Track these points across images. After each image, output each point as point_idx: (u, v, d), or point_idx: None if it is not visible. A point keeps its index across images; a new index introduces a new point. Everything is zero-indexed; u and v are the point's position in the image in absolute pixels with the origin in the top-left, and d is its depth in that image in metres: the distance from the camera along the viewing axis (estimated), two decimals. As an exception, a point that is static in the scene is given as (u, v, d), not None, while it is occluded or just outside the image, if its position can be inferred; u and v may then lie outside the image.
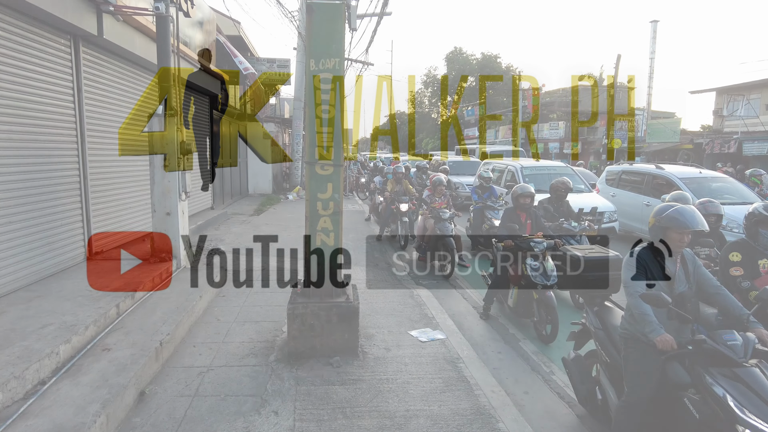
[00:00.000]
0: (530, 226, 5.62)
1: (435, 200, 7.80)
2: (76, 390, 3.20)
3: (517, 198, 5.61)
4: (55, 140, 5.52)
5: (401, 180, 9.86)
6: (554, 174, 10.83)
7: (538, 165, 11.40)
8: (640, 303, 2.77)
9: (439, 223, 7.34)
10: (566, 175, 10.90)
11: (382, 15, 12.96)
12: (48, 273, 5.30)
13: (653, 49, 32.24)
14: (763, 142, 21.36)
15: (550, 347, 4.84)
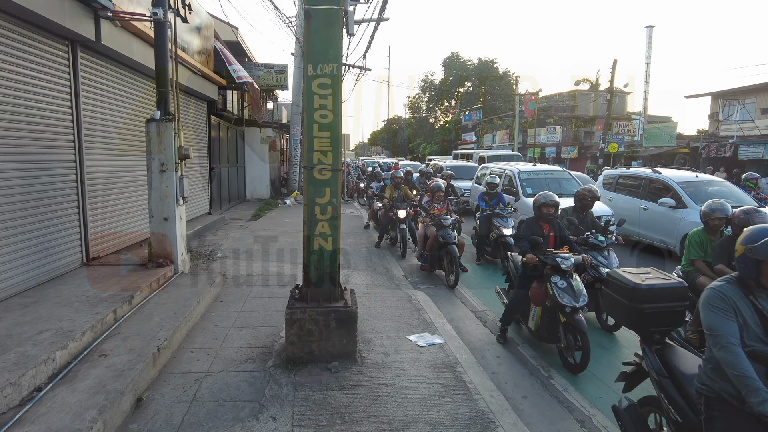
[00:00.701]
0: (554, 239, 4.98)
1: (434, 206, 7.57)
2: (73, 396, 3.18)
3: (539, 207, 4.95)
4: (52, 145, 5.51)
5: (400, 186, 9.67)
6: (552, 179, 10.75)
7: (535, 169, 11.24)
8: (738, 360, 2.13)
9: (441, 231, 7.04)
10: (564, 179, 10.81)
11: (380, 20, 13.01)
12: (45, 278, 5.28)
13: (649, 53, 32.53)
14: (759, 145, 21.48)
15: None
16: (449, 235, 6.96)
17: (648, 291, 2.98)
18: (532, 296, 4.72)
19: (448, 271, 7.02)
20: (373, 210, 11.80)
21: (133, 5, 6.78)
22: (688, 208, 8.58)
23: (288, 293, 4.50)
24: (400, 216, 8.91)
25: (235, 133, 15.56)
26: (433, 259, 7.31)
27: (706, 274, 4.59)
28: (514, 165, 11.89)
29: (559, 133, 35.76)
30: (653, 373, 2.84)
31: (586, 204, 5.93)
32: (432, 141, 50.05)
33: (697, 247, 4.78)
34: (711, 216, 4.73)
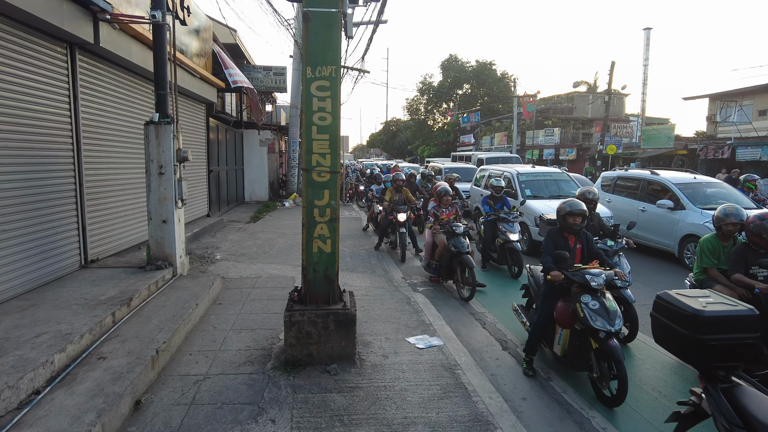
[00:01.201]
0: (581, 253, 4.41)
1: (442, 211, 7.05)
2: (71, 399, 3.17)
3: (564, 217, 4.35)
4: (50, 148, 5.51)
5: (401, 188, 9.48)
6: (551, 180, 10.69)
7: (534, 171, 11.16)
8: None
9: (453, 239, 6.50)
10: (563, 181, 10.80)
11: (378, 23, 13.03)
12: (43, 281, 5.27)
13: (647, 56, 32.65)
14: (756, 147, 21.55)
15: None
16: (462, 244, 6.44)
17: (712, 319, 2.55)
18: (557, 318, 4.16)
19: (461, 282, 6.49)
20: (372, 213, 11.64)
21: (131, 8, 6.79)
22: (686, 209, 8.61)
23: (287, 295, 4.50)
24: (401, 219, 8.69)
25: (234, 135, 15.57)
26: (443, 270, 6.77)
27: (722, 282, 4.38)
28: (513, 167, 11.76)
29: (558, 135, 35.85)
30: (722, 420, 2.43)
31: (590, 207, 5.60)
32: (431, 143, 50.12)
33: (710, 254, 4.56)
34: (725, 221, 4.50)
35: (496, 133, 42.70)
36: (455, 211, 7.13)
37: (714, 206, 8.58)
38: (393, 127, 62.88)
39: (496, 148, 39.81)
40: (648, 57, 32.63)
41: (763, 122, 23.08)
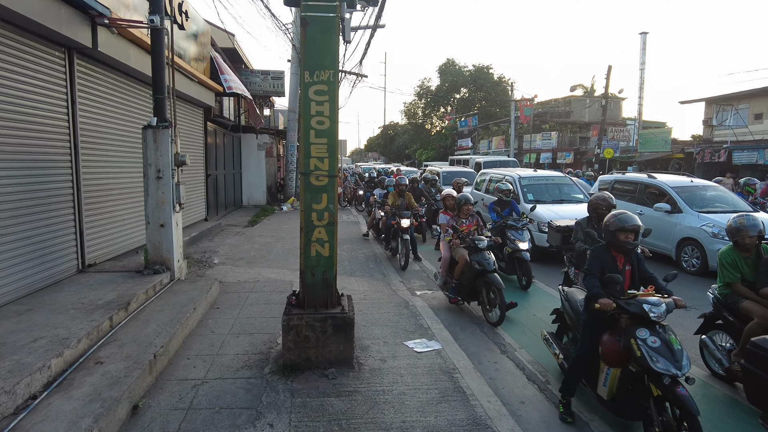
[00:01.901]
0: (630, 276, 3.72)
1: (462, 222, 6.25)
2: (68, 404, 3.16)
3: (614, 233, 3.61)
4: (48, 152, 5.50)
5: (404, 193, 9.15)
6: (553, 184, 10.44)
7: (536, 175, 10.87)
8: None
9: (476, 255, 5.72)
10: (565, 185, 10.53)
11: (376, 27, 13.08)
12: (40, 285, 5.25)
13: (643, 60, 32.81)
14: (753, 151, 21.65)
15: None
16: (487, 261, 5.64)
17: None
18: (604, 355, 3.46)
19: (488, 304, 5.69)
20: (373, 218, 11.25)
21: (129, 12, 6.80)
22: (683, 212, 8.64)
23: (285, 299, 4.50)
24: (404, 225, 8.30)
25: (232, 139, 15.57)
26: (464, 290, 5.93)
27: (750, 297, 4.05)
28: (514, 171, 11.52)
29: (555, 139, 35.97)
30: None
31: (602, 213, 5.26)
32: (428, 147, 50.21)
33: (731, 268, 4.22)
34: (740, 234, 4.18)
35: (493, 137, 42.83)
36: (476, 222, 6.32)
37: (711, 209, 8.63)
38: (391, 131, 63.01)
39: (493, 152, 39.93)
40: (644, 61, 32.79)
41: (759, 126, 23.20)
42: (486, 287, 5.68)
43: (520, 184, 10.23)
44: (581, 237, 5.34)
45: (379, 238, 10.74)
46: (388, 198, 9.16)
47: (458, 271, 5.93)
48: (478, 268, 5.61)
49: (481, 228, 6.31)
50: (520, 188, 10.13)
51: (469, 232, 6.16)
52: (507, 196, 8.07)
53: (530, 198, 9.93)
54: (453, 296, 6.06)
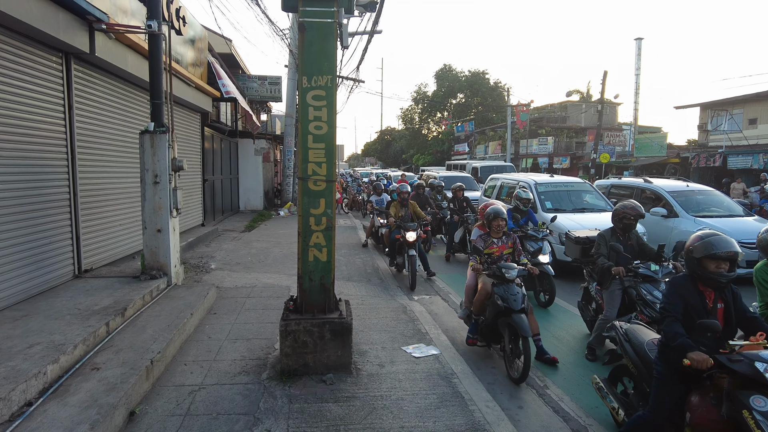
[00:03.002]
0: (723, 316, 2.88)
1: (491, 243, 5.01)
2: (64, 411, 3.14)
3: (701, 261, 2.84)
4: (45, 157, 5.49)
5: (407, 202, 8.21)
6: (573, 191, 9.48)
7: (553, 181, 9.79)
8: None
9: (501, 288, 4.46)
10: (586, 192, 9.50)
11: (373, 33, 13.14)
12: (36, 291, 5.22)
13: (638, 65, 33.03)
14: (747, 155, 21.79)
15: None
16: (513, 297, 4.35)
17: None
18: (696, 424, 2.64)
19: (510, 354, 4.39)
20: (372, 226, 10.62)
21: (127, 17, 6.81)
22: (679, 217, 8.67)
23: (282, 305, 4.48)
24: (410, 239, 7.37)
25: (229, 144, 15.57)
26: (485, 330, 4.73)
27: None
28: (529, 176, 10.43)
29: (551, 144, 36.10)
30: None
31: (629, 224, 4.87)
32: (425, 152, 50.31)
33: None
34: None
35: (490, 142, 42.95)
36: (511, 244, 5.09)
37: (707, 214, 8.67)
38: (388, 136, 63.12)
39: (490, 157, 40.03)
40: (640, 67, 33.01)
41: (754, 131, 23.37)
42: (509, 330, 4.41)
43: (536, 190, 9.19)
44: (604, 251, 4.81)
45: (378, 246, 10.36)
46: (391, 208, 8.33)
47: (477, 303, 4.77)
48: (500, 304, 4.36)
49: (518, 252, 5.07)
50: (537, 195, 9.09)
51: (500, 256, 4.98)
52: (525, 206, 7.33)
53: (549, 206, 8.96)
54: (472, 336, 4.91)
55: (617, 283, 4.73)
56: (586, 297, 5.49)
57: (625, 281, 4.65)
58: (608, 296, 4.79)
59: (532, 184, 9.34)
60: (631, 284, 4.63)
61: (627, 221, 4.86)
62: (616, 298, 4.73)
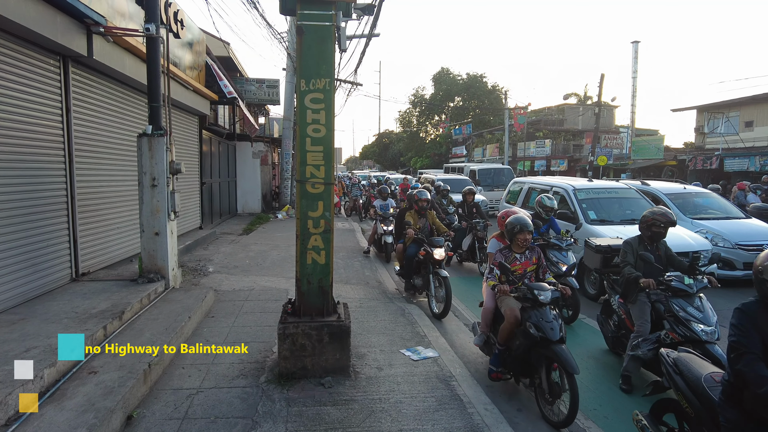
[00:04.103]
0: None
1: (514, 258, 4.27)
2: (61, 415, 3.12)
3: None
4: (42, 160, 5.48)
5: (425, 211, 7.02)
6: (617, 198, 8.26)
7: (594, 186, 8.52)
8: None
9: (534, 314, 3.78)
10: (632, 199, 8.27)
11: (371, 36, 13.16)
12: (33, 295, 5.20)
13: (635, 68, 33.15)
14: (744, 158, 21.89)
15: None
16: (551, 326, 3.67)
17: None
18: None
19: (548, 392, 3.70)
20: (374, 233, 9.84)
21: (125, 21, 6.81)
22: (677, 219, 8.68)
23: (280, 308, 4.48)
24: (437, 258, 6.16)
25: (227, 147, 15.56)
26: (514, 362, 3.98)
27: None
28: (565, 180, 9.22)
29: (549, 147, 36.20)
30: None
31: (658, 233, 4.52)
32: (423, 155, 50.37)
33: None
34: None
35: (487, 145, 43.05)
36: (536, 260, 4.33)
37: (704, 216, 8.68)
38: (386, 139, 63.18)
39: (488, 160, 40.10)
40: (636, 69, 33.14)
41: (750, 133, 23.48)
42: (547, 364, 3.70)
43: (575, 198, 7.97)
44: (630, 260, 4.45)
45: (380, 254, 9.77)
46: (407, 217, 7.03)
47: (504, 332, 3.99)
48: (535, 334, 3.68)
49: (543, 270, 4.32)
50: (578, 204, 7.86)
51: (523, 274, 4.27)
52: (548, 214, 6.72)
53: (593, 217, 7.68)
54: (495, 369, 4.16)
55: (644, 297, 4.33)
56: (606, 310, 5.10)
57: (652, 295, 4.28)
58: (637, 311, 4.36)
59: (569, 190, 8.13)
60: (659, 298, 4.24)
61: (656, 229, 4.51)
62: (646, 312, 4.29)
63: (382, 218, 9.64)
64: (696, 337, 3.82)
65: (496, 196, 17.18)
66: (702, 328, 3.85)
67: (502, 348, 4.08)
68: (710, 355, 3.66)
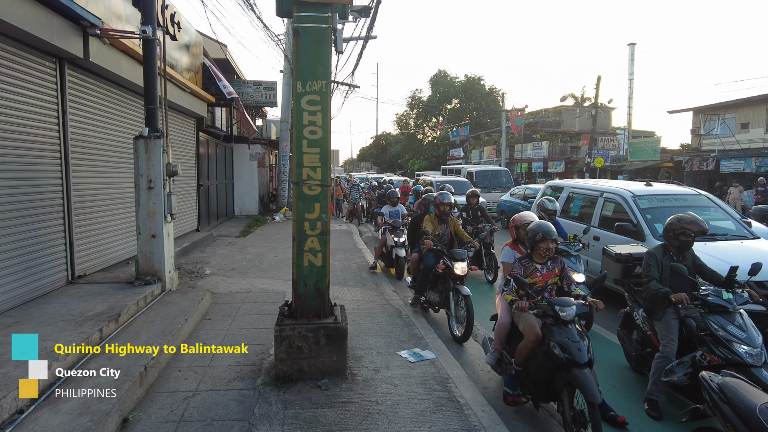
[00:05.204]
0: None
1: (534, 269, 3.86)
2: (56, 418, 3.10)
3: None
4: (38, 162, 5.46)
5: (447, 216, 6.19)
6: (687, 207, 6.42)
7: (657, 192, 6.93)
8: None
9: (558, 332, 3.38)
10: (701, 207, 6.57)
11: (368, 38, 13.18)
12: (28, 297, 5.18)
13: (632, 70, 33.25)
14: (740, 159, 21.97)
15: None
16: (578, 347, 3.27)
17: None
18: None
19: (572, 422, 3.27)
20: (383, 245, 8.47)
21: (122, 23, 6.81)
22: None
23: (277, 310, 4.47)
24: (459, 272, 5.48)
25: (224, 149, 15.55)
26: (534, 385, 3.59)
27: None
28: (618, 185, 7.59)
29: (546, 148, 36.27)
30: None
31: (686, 242, 4.02)
32: (421, 157, 50.44)
33: None
34: None
35: (485, 147, 43.12)
36: (558, 271, 3.92)
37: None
38: (383, 141, 63.26)
39: (485, 162, 40.20)
40: (633, 71, 33.22)
41: (746, 135, 23.58)
42: (569, 389, 3.30)
43: (637, 206, 6.53)
44: (655, 274, 4.01)
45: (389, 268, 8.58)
46: (425, 222, 6.18)
47: (523, 352, 3.59)
48: (560, 355, 3.27)
49: (568, 281, 3.91)
50: (640, 214, 6.42)
51: (545, 286, 3.87)
52: (552, 217, 6.18)
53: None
54: (512, 391, 3.77)
55: (672, 313, 3.93)
56: (627, 324, 4.66)
57: (682, 310, 3.88)
58: (663, 328, 3.95)
59: (628, 197, 6.70)
60: (690, 313, 3.86)
61: (685, 238, 4.01)
62: (673, 331, 3.89)
63: (393, 228, 8.25)
64: (739, 360, 3.36)
65: (494, 197, 17.18)
66: (746, 349, 3.39)
67: (520, 369, 3.69)
68: (757, 380, 3.20)
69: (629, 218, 6.53)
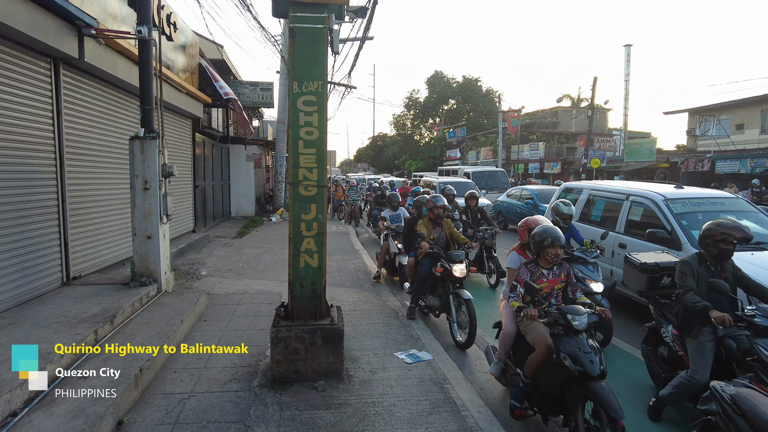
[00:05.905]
0: None
1: (541, 275, 3.68)
2: (50, 421, 3.08)
3: None
4: (33, 163, 5.43)
5: (442, 220, 6.10)
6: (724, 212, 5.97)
7: (692, 195, 6.36)
8: None
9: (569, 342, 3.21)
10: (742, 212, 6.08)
11: (364, 39, 13.18)
12: (23, 299, 5.15)
13: (628, 71, 33.41)
14: (735, 160, 22.10)
15: None
16: (590, 358, 3.08)
17: None
18: None
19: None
20: (385, 252, 7.97)
21: (117, 23, 6.78)
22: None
23: (273, 311, 4.45)
24: (458, 274, 5.37)
25: (220, 150, 15.52)
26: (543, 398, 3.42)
27: None
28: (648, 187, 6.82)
29: (542, 149, 36.36)
30: None
31: (726, 251, 3.60)
32: (417, 157, 50.49)
33: None
34: None
35: (481, 148, 43.20)
36: (564, 276, 3.74)
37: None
38: (380, 141, 63.30)
39: (482, 163, 40.27)
40: (629, 72, 33.39)
41: (741, 136, 23.71)
42: (582, 402, 3.15)
43: (669, 211, 5.94)
44: (692, 284, 3.58)
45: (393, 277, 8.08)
46: (419, 226, 6.07)
47: (533, 364, 3.37)
48: (571, 367, 3.10)
49: (573, 288, 3.74)
50: (673, 218, 5.85)
51: (551, 292, 3.68)
52: (567, 223, 5.83)
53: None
54: (519, 405, 3.57)
55: (708, 333, 3.50)
56: (651, 340, 4.27)
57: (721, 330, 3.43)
58: (695, 350, 3.54)
59: (659, 201, 6.12)
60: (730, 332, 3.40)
61: (725, 246, 3.57)
62: (708, 355, 3.47)
63: (395, 233, 7.87)
64: None
65: (490, 198, 17.18)
66: None
67: (528, 380, 3.47)
68: None
69: (661, 224, 5.92)
